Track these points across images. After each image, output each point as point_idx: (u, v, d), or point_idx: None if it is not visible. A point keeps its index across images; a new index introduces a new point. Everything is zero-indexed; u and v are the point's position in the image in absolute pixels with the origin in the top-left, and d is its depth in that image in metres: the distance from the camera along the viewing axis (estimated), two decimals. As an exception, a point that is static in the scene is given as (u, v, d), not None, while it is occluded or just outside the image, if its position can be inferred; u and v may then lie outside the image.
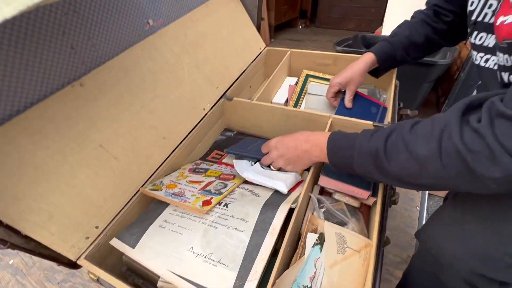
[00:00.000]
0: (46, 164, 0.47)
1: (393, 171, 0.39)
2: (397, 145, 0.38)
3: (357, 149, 0.43)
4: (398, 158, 0.38)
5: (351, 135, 0.46)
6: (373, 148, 0.41)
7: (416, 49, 0.71)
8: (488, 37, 0.47)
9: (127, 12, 0.61)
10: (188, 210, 0.55)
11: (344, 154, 0.46)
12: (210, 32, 0.85)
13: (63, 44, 0.50)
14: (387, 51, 0.73)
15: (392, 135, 0.40)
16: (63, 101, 0.51)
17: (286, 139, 0.56)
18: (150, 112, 0.65)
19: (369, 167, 0.42)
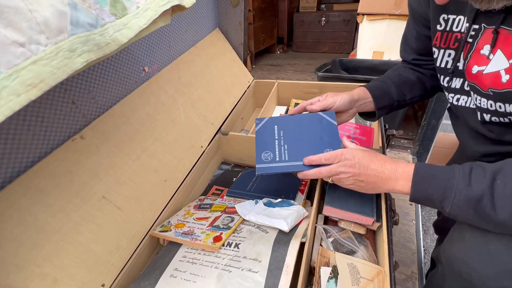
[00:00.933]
0: (49, 224, 0.46)
1: (500, 219, 0.37)
2: (507, 195, 0.36)
3: (455, 193, 0.40)
4: (507, 207, 0.36)
5: (442, 173, 0.43)
6: (475, 195, 0.38)
7: (410, 88, 0.65)
8: (454, 80, 0.52)
9: (124, 62, 0.63)
10: (200, 247, 0.55)
11: (436, 194, 0.42)
12: (202, 72, 0.89)
13: (65, 100, 0.51)
14: (378, 86, 0.65)
15: (497, 180, 0.38)
16: (64, 156, 0.51)
17: (368, 160, 0.48)
18: (151, 156, 0.65)
19: (467, 212, 0.40)
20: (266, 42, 3.23)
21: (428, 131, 1.53)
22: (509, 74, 0.40)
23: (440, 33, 0.52)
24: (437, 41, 0.53)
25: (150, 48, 0.71)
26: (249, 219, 0.60)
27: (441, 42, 0.52)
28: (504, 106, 0.43)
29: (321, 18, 3.26)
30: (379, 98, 0.65)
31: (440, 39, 0.52)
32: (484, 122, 0.49)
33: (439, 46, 0.53)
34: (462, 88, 0.51)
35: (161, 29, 0.74)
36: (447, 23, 0.50)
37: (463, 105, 0.52)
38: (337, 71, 1.63)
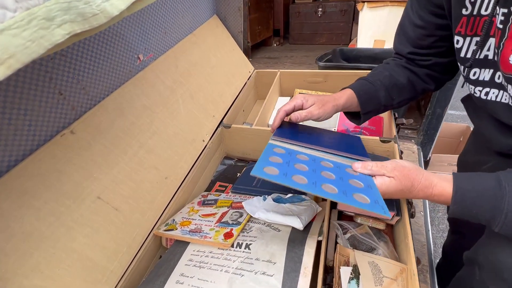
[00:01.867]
0: (37, 230, 0.41)
1: None
2: None
3: (506, 214, 0.37)
4: None
5: (487, 191, 0.39)
6: None
7: (399, 92, 0.61)
8: (482, 71, 0.46)
9: (117, 50, 0.57)
10: (211, 245, 0.51)
11: (481, 214, 0.39)
12: (200, 61, 0.83)
13: (51, 90, 0.45)
14: (367, 90, 0.60)
15: None
16: (52, 153, 0.45)
17: (411, 177, 0.43)
18: (149, 151, 0.60)
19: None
20: (262, 34, 3.16)
21: (433, 120, 1.49)
22: None
23: (466, 18, 0.45)
24: (462, 27, 0.46)
25: (144, 34, 0.65)
26: (258, 217, 0.55)
27: (467, 28, 0.45)
28: None
29: (318, 9, 3.19)
30: (366, 103, 0.60)
31: (466, 25, 0.45)
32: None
33: (465, 33, 0.46)
34: (493, 81, 0.45)
35: (155, 13, 0.68)
36: (475, 5, 0.43)
37: (493, 100, 0.46)
38: (338, 60, 1.59)
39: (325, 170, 0.47)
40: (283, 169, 0.43)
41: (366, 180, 0.45)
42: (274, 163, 0.45)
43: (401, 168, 0.44)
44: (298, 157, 0.50)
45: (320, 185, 0.42)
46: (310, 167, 0.46)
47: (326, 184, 0.43)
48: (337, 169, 0.48)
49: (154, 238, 0.56)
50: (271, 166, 0.43)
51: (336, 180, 0.44)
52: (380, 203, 0.41)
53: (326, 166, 0.49)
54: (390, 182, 0.44)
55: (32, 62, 0.41)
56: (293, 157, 0.49)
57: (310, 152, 0.53)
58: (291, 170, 0.44)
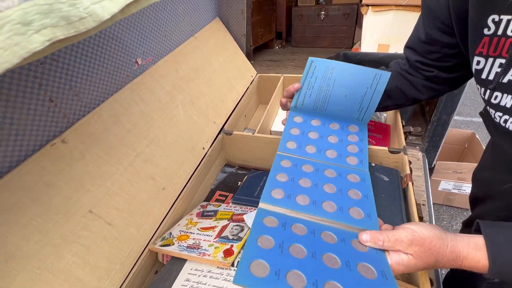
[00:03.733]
0: (21, 249, 0.37)
1: None
2: None
3: None
4: None
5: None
6: None
7: (386, 97, 0.63)
8: (505, 96, 0.42)
9: (113, 54, 0.54)
10: (209, 263, 0.47)
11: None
12: (202, 65, 0.80)
13: (40, 98, 0.42)
14: None
15: None
16: (41, 165, 0.42)
17: (434, 252, 0.37)
18: (146, 160, 0.57)
19: None
20: (264, 37, 3.14)
21: (439, 127, 1.46)
22: None
23: (489, 38, 0.42)
24: (484, 48, 0.43)
25: (143, 38, 0.62)
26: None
27: (490, 49, 0.42)
28: None
29: (320, 12, 3.17)
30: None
31: (489, 46, 0.42)
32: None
33: (487, 54, 0.43)
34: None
35: (155, 16, 0.65)
36: (499, 26, 0.40)
37: (510, 129, 0.42)
38: (342, 65, 1.56)
39: (326, 251, 0.38)
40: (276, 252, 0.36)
41: (377, 258, 0.38)
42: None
43: (420, 241, 0.37)
44: (293, 229, 0.41)
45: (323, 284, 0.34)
46: (308, 250, 0.38)
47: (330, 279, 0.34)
48: (341, 244, 0.40)
49: (149, 253, 0.52)
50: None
51: (342, 268, 0.36)
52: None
53: (327, 241, 0.40)
54: (409, 261, 0.37)
55: (19, 67, 0.39)
56: (288, 232, 0.41)
57: (307, 222, 0.44)
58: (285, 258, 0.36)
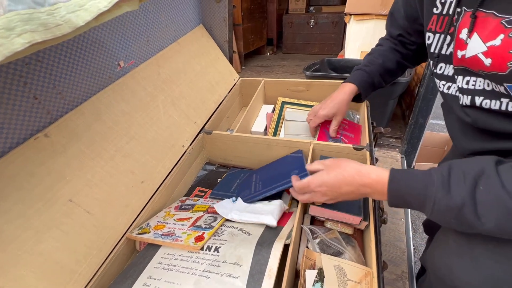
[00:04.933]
0: (4, 232, 0.41)
1: (487, 228, 0.35)
2: (491, 203, 0.34)
3: (434, 202, 0.38)
4: (492, 216, 0.34)
5: (419, 181, 0.40)
6: (457, 203, 0.36)
7: (390, 75, 0.74)
8: (447, 66, 0.50)
9: (95, 56, 0.59)
10: (180, 248, 0.52)
11: (414, 203, 0.40)
12: (184, 68, 0.85)
13: (25, 95, 0.46)
14: (366, 79, 0.75)
15: (479, 185, 0.35)
16: (25, 156, 0.46)
17: (337, 184, 0.46)
18: (126, 155, 0.61)
19: (449, 220, 0.38)
20: (255, 43, 3.22)
21: (416, 130, 1.53)
22: (490, 58, 0.38)
23: (437, 16, 0.50)
24: (433, 25, 0.51)
25: (126, 42, 0.67)
26: (231, 218, 0.57)
27: (437, 26, 0.50)
28: (498, 87, 0.40)
29: (310, 20, 3.28)
30: (366, 90, 0.76)
31: (436, 23, 0.50)
32: (466, 107, 0.47)
33: (435, 30, 0.51)
34: (453, 76, 0.49)
35: (138, 22, 0.70)
36: (444, 6, 0.48)
37: (453, 94, 0.50)
38: (326, 70, 1.63)
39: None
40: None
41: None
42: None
43: (333, 160, 0.51)
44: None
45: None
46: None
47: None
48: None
49: (127, 242, 0.56)
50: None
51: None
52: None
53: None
54: (322, 172, 0.49)
55: (6, 67, 0.43)
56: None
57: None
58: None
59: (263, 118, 1.01)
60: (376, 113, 1.49)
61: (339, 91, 0.76)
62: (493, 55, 0.38)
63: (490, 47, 0.38)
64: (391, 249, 1.07)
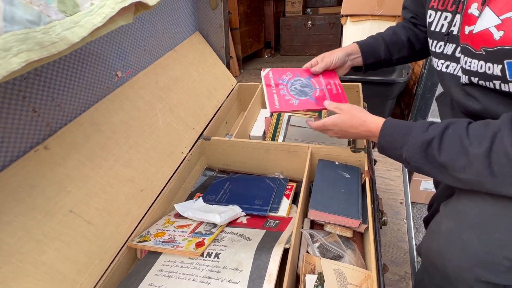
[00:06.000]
0: (6, 244, 0.42)
1: (441, 161, 0.42)
2: (452, 138, 0.42)
3: (412, 137, 0.45)
4: (450, 150, 0.42)
5: (407, 123, 0.48)
6: (429, 137, 0.43)
7: (399, 48, 0.71)
8: (447, 45, 0.51)
9: (93, 67, 0.60)
10: (181, 254, 0.52)
11: (397, 139, 0.48)
12: (181, 76, 0.86)
13: (24, 108, 0.47)
14: (369, 44, 0.72)
15: (449, 128, 0.43)
16: (25, 169, 0.47)
17: (345, 128, 0.57)
18: (125, 165, 0.62)
19: (418, 154, 0.45)
20: (253, 46, 3.24)
21: (415, 128, 1.54)
22: (502, 31, 0.38)
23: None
24: (435, 2, 0.52)
25: (123, 52, 0.68)
26: (187, 216, 0.62)
27: (439, 3, 0.51)
28: (493, 67, 0.41)
29: (307, 22, 3.30)
30: (367, 54, 0.72)
31: (439, 0, 0.51)
32: (467, 85, 0.48)
33: (437, 7, 0.52)
34: (453, 55, 0.51)
35: (134, 32, 0.72)
36: None
37: (450, 72, 0.52)
38: (323, 72, 1.63)
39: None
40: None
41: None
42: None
43: (347, 106, 0.59)
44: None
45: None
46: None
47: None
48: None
49: (128, 250, 0.56)
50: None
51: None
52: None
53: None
54: (336, 116, 0.58)
55: (5, 82, 0.44)
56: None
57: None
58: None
59: (262, 122, 1.01)
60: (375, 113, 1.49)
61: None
62: (507, 27, 0.38)
63: (506, 20, 0.38)
64: (394, 249, 1.07)
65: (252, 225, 0.61)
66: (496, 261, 0.41)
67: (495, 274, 0.42)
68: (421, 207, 1.82)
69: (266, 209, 0.64)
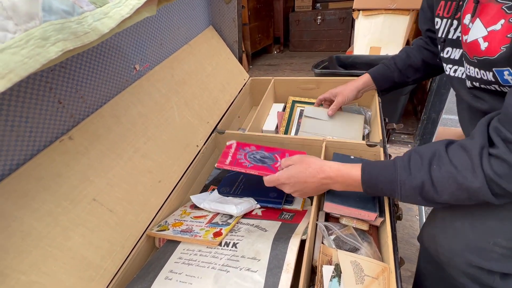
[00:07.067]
0: (35, 229, 0.44)
1: (443, 200, 0.41)
2: (444, 179, 0.40)
3: (400, 185, 0.44)
4: (447, 190, 0.40)
5: (384, 169, 0.46)
6: (418, 182, 0.42)
7: (414, 71, 0.74)
8: (453, 50, 0.53)
9: (114, 60, 0.61)
10: (200, 243, 0.54)
11: (385, 188, 0.46)
12: (196, 70, 0.87)
13: (50, 100, 0.49)
14: (382, 72, 0.77)
15: (433, 165, 0.41)
16: (51, 158, 0.48)
17: (302, 179, 0.52)
18: (144, 156, 0.63)
19: (415, 198, 0.44)
20: (262, 42, 3.22)
21: (428, 125, 1.51)
22: (487, 42, 0.40)
23: (444, 2, 0.53)
24: (441, 10, 0.54)
25: (141, 46, 0.69)
26: (203, 207, 0.62)
27: (445, 11, 0.53)
28: (486, 74, 0.43)
29: (317, 17, 3.25)
30: (381, 82, 0.77)
31: (444, 8, 0.53)
32: (472, 88, 0.49)
33: (442, 15, 0.53)
34: (460, 60, 0.52)
35: (152, 26, 0.73)
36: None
37: (458, 76, 0.52)
38: (334, 67, 1.62)
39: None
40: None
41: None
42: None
43: (300, 156, 0.55)
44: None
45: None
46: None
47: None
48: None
49: (147, 239, 0.58)
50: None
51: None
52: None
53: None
54: (290, 167, 0.54)
55: (34, 74, 0.45)
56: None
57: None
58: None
59: (274, 117, 1.01)
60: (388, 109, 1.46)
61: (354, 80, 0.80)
62: (491, 39, 0.40)
63: (491, 32, 0.40)
64: (405, 246, 1.06)
65: (267, 217, 0.61)
66: (487, 247, 0.43)
67: (485, 260, 0.43)
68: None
69: (281, 201, 0.65)
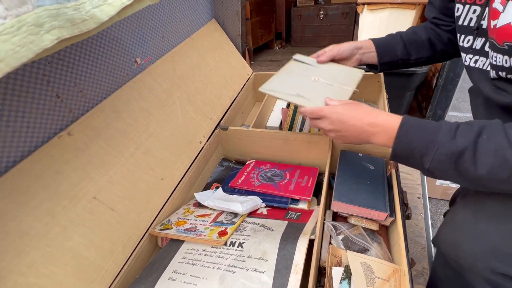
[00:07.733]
0: (34, 229, 0.42)
1: (478, 174, 0.36)
2: (490, 151, 0.35)
3: (438, 146, 0.38)
4: (488, 163, 0.35)
5: (429, 127, 0.40)
6: (459, 148, 0.37)
7: (418, 48, 0.67)
8: (476, 39, 0.49)
9: (114, 54, 0.59)
10: (205, 243, 0.52)
11: (418, 148, 0.40)
12: (198, 64, 0.85)
13: (48, 94, 0.46)
14: (386, 41, 0.68)
15: (483, 135, 0.36)
16: (50, 155, 0.47)
17: (346, 117, 0.47)
18: (145, 152, 0.61)
19: (446, 166, 0.38)
20: (264, 37, 3.18)
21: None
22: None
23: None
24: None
25: (142, 39, 0.67)
26: (207, 205, 0.61)
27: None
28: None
29: (319, 12, 3.21)
30: (383, 52, 0.67)
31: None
32: (496, 79, 0.45)
33: (465, 1, 0.50)
34: (483, 49, 0.48)
35: (153, 18, 0.70)
36: None
37: (479, 67, 0.49)
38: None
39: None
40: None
41: None
42: None
43: (352, 101, 0.52)
44: None
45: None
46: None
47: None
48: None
49: (149, 238, 0.56)
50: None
51: None
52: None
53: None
54: (337, 105, 0.50)
55: (30, 66, 0.43)
56: None
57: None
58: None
59: (278, 113, 0.99)
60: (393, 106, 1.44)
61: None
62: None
63: None
64: (411, 244, 1.05)
65: (273, 216, 0.60)
66: (508, 252, 0.40)
67: (511, 266, 0.40)
68: (437, 202, 1.78)
69: (287, 201, 0.63)
